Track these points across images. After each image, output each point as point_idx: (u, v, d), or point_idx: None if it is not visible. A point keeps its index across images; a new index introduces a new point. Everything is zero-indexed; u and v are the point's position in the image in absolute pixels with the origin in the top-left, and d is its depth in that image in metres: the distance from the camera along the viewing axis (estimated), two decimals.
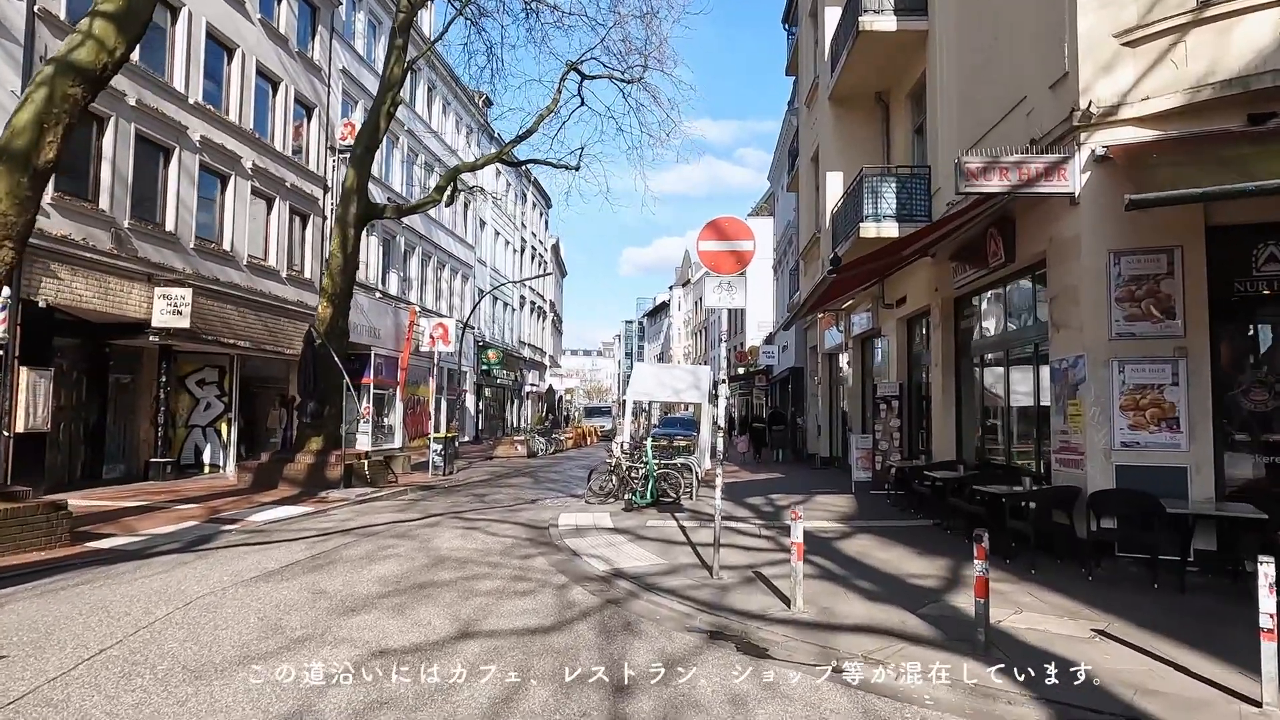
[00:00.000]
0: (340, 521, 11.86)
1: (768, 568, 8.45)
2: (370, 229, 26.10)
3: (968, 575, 7.88)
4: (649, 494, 13.58)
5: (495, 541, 10.28)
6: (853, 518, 12.20)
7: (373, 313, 25.51)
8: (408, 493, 16.14)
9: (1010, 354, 11.01)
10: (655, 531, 10.95)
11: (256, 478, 15.51)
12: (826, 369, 23.86)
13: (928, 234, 10.29)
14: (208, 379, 19.22)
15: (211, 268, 17.88)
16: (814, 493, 15.69)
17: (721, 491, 8.42)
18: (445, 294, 33.51)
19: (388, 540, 10.19)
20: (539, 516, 12.72)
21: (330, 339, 16.15)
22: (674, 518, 12.25)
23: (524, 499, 15.58)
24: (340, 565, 8.46)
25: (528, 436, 29.79)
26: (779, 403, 33.86)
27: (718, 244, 8.04)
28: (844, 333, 19.95)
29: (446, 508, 13.82)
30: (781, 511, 12.92)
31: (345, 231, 16.43)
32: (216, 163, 18.07)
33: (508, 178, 42.92)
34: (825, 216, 16.79)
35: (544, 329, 54.09)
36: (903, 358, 15.59)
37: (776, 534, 10.66)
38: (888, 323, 16.13)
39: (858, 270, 10.70)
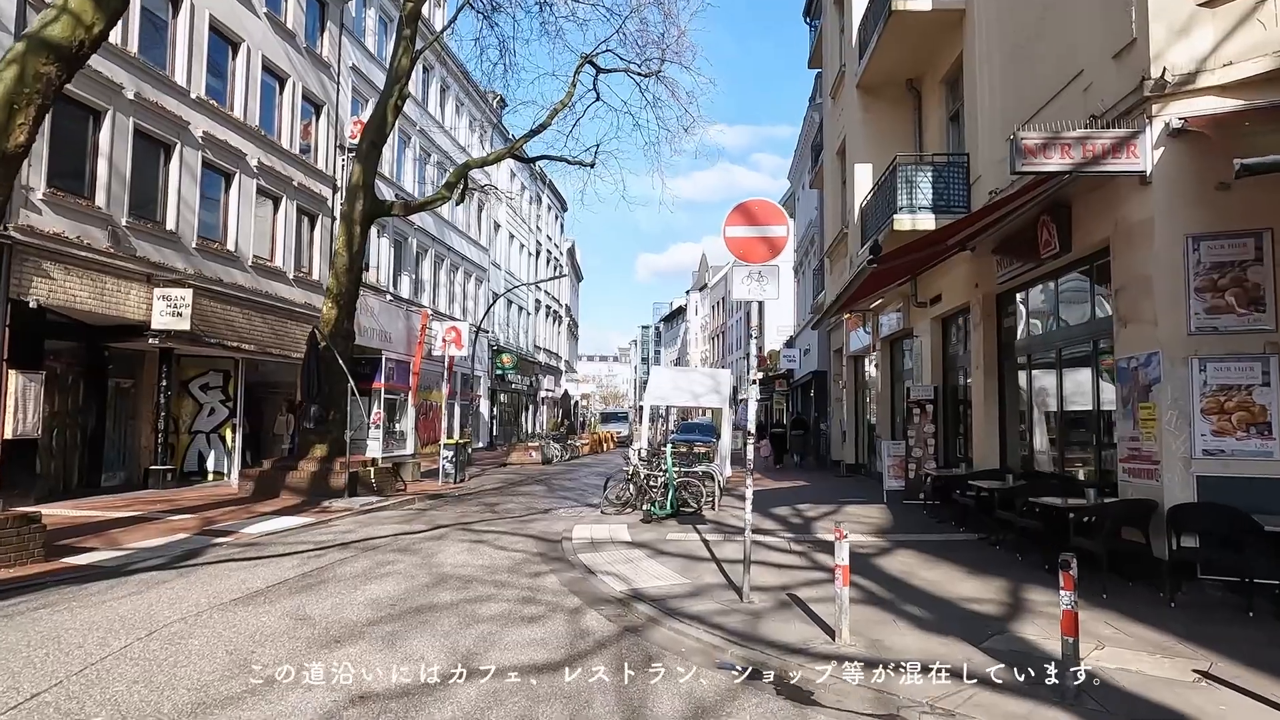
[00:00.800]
0: (340, 534, 11.13)
1: (803, 589, 7.61)
2: (381, 230, 25.53)
3: (1030, 600, 7.01)
4: (669, 504, 12.78)
5: (504, 557, 9.50)
6: (889, 531, 11.32)
7: (384, 316, 24.89)
8: (415, 502, 15.42)
9: (1063, 353, 10.11)
10: (676, 546, 10.13)
11: (258, 486, 14.84)
12: (852, 372, 22.94)
13: (973, 222, 9.42)
14: (212, 383, 18.61)
15: (214, 268, 17.28)
16: (843, 502, 14.81)
17: (751, 504, 7.57)
18: (459, 297, 32.88)
19: (388, 555, 9.44)
20: (551, 528, 11.94)
21: (335, 341, 15.47)
22: (696, 530, 11.43)
23: (537, 509, 14.82)
24: (332, 585, 7.71)
25: (542, 443, 29.05)
26: (800, 408, 32.93)
27: (747, 229, 7.23)
28: (872, 334, 19.05)
29: (454, 518, 13.07)
30: (812, 523, 12.07)
31: (351, 230, 15.76)
32: (220, 160, 17.48)
33: (522, 179, 42.33)
34: (853, 211, 15.93)
35: (559, 333, 53.43)
36: (937, 359, 14.70)
37: (809, 549, 9.81)
38: (921, 322, 15.25)
39: (898, 261, 9.86)
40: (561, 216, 53.43)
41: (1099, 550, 7.21)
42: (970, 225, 9.62)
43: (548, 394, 49.50)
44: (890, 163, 12.97)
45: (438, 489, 17.76)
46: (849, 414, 22.92)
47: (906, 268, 12.19)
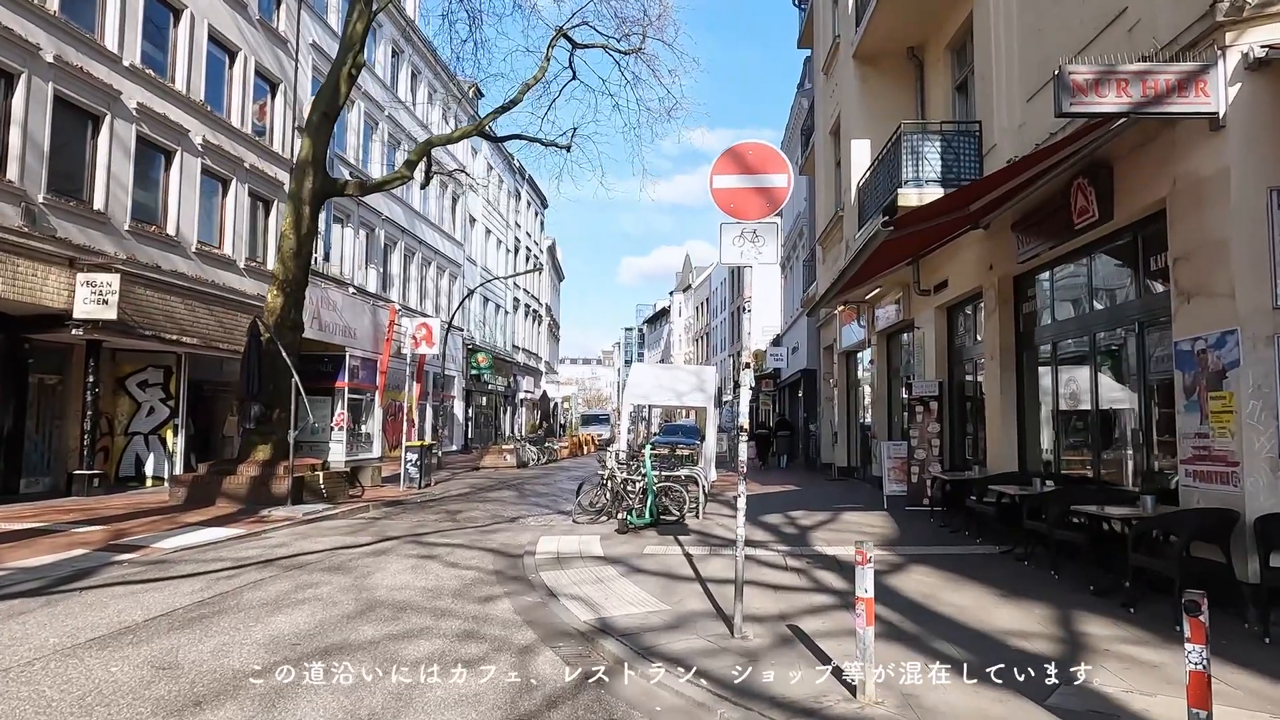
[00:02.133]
0: (269, 549, 9.67)
1: (807, 619, 6.26)
2: (345, 219, 24.05)
3: (1087, 635, 5.70)
4: (648, 512, 11.41)
5: (452, 576, 8.10)
6: (896, 542, 10.01)
7: (348, 310, 23.37)
8: (370, 509, 13.96)
9: (1098, 339, 8.84)
10: (655, 562, 8.76)
11: (192, 493, 13.32)
12: (844, 370, 21.68)
13: (1002, 180, 8.11)
14: (151, 380, 17.06)
15: (151, 253, 15.75)
16: (839, 509, 13.50)
17: (744, 515, 6.23)
18: (431, 293, 31.38)
19: (314, 576, 8.01)
20: (515, 540, 10.55)
21: (280, 333, 13.99)
22: (678, 542, 10.07)
23: (503, 517, 13.41)
24: (229, 617, 6.28)
25: (517, 445, 27.59)
26: (788, 408, 31.69)
27: (739, 179, 5.90)
28: (866, 327, 17.80)
29: (408, 529, 11.64)
30: (808, 534, 10.74)
31: (299, 210, 14.30)
32: (158, 135, 15.96)
33: (499, 172, 40.89)
34: (849, 193, 14.66)
35: (539, 333, 51.97)
36: (942, 352, 13.44)
37: (808, 565, 8.48)
38: (923, 312, 13.99)
39: (915, 229, 8.57)
40: (542, 213, 52.00)
41: (1170, 572, 5.91)
42: (997, 185, 8.32)
43: (527, 395, 48.02)
44: (893, 133, 11.70)
45: (398, 495, 16.30)
46: (840, 414, 21.65)
47: (916, 243, 10.90)
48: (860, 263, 9.66)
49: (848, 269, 10.36)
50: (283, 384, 13.76)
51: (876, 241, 8.08)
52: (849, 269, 10.30)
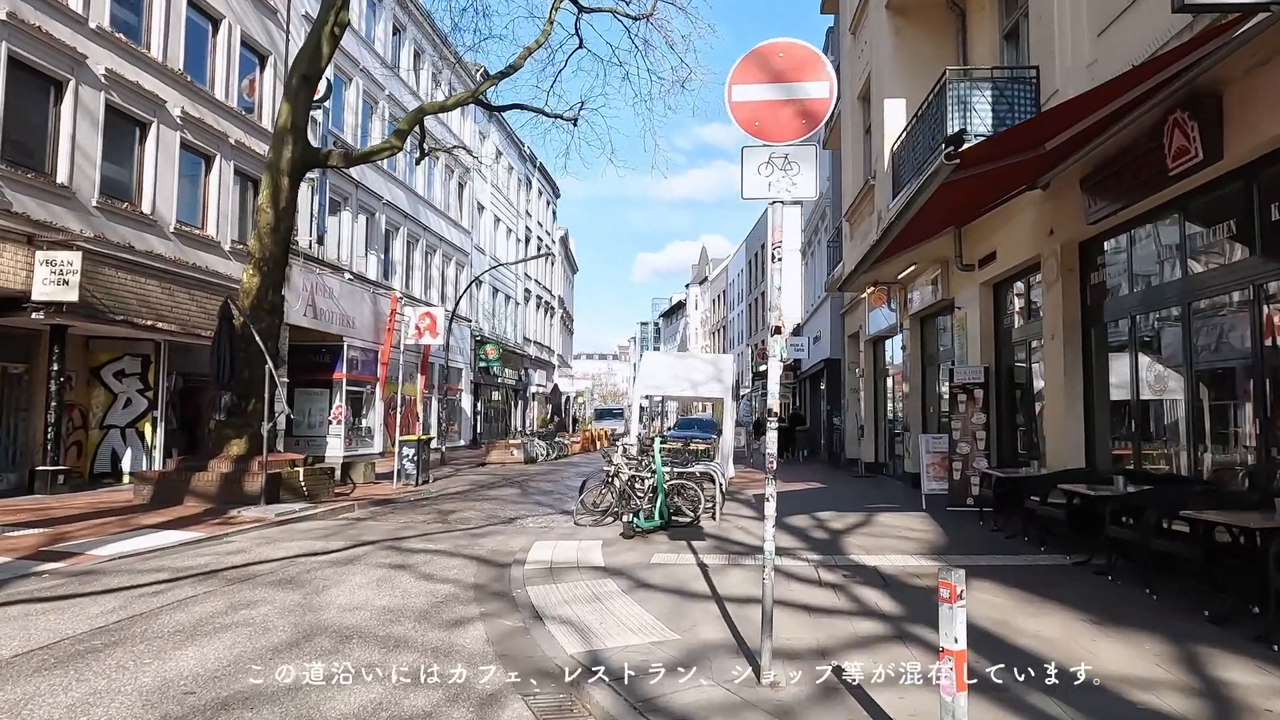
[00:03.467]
0: (222, 556, 8.45)
1: (854, 655, 4.91)
2: (343, 203, 22.88)
3: (1230, 682, 4.32)
4: (657, 513, 10.08)
5: (422, 593, 6.82)
6: (944, 550, 8.62)
7: (345, 298, 22.18)
8: (354, 509, 12.74)
9: (1194, 310, 7.40)
10: (664, 574, 7.44)
11: (158, 491, 12.15)
12: (871, 358, 20.25)
13: (1089, 107, 6.65)
14: (128, 370, 15.94)
15: (124, 233, 14.60)
16: (872, 509, 12.12)
17: (773, 523, 4.90)
18: (436, 282, 30.18)
19: (258, 591, 6.75)
20: (506, 546, 9.27)
21: (257, 316, 12.78)
22: (691, 549, 8.74)
23: (499, 518, 12.14)
24: (126, 649, 5.03)
25: (525, 440, 26.35)
26: (809, 401, 30.26)
27: (765, 89, 4.56)
28: (898, 311, 16.36)
29: (389, 532, 10.39)
30: (841, 539, 9.36)
31: (277, 181, 13.07)
32: (130, 105, 14.79)
33: (510, 160, 39.65)
34: (881, 159, 13.24)
35: (552, 326, 50.74)
36: (988, 334, 12.01)
37: (846, 579, 7.12)
38: (966, 290, 12.55)
39: (979, 169, 7.16)
40: (554, 202, 50.74)
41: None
42: (1082, 114, 6.86)
43: (539, 389, 46.81)
44: (935, 84, 10.28)
45: (391, 493, 15.08)
46: (867, 406, 20.23)
47: (962, 204, 9.48)
48: (909, 217, 8.25)
49: (892, 227, 8.96)
50: (257, 372, 12.56)
51: (937, 180, 6.70)
52: (894, 227, 8.89)
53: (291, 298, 19.55)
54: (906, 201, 8.30)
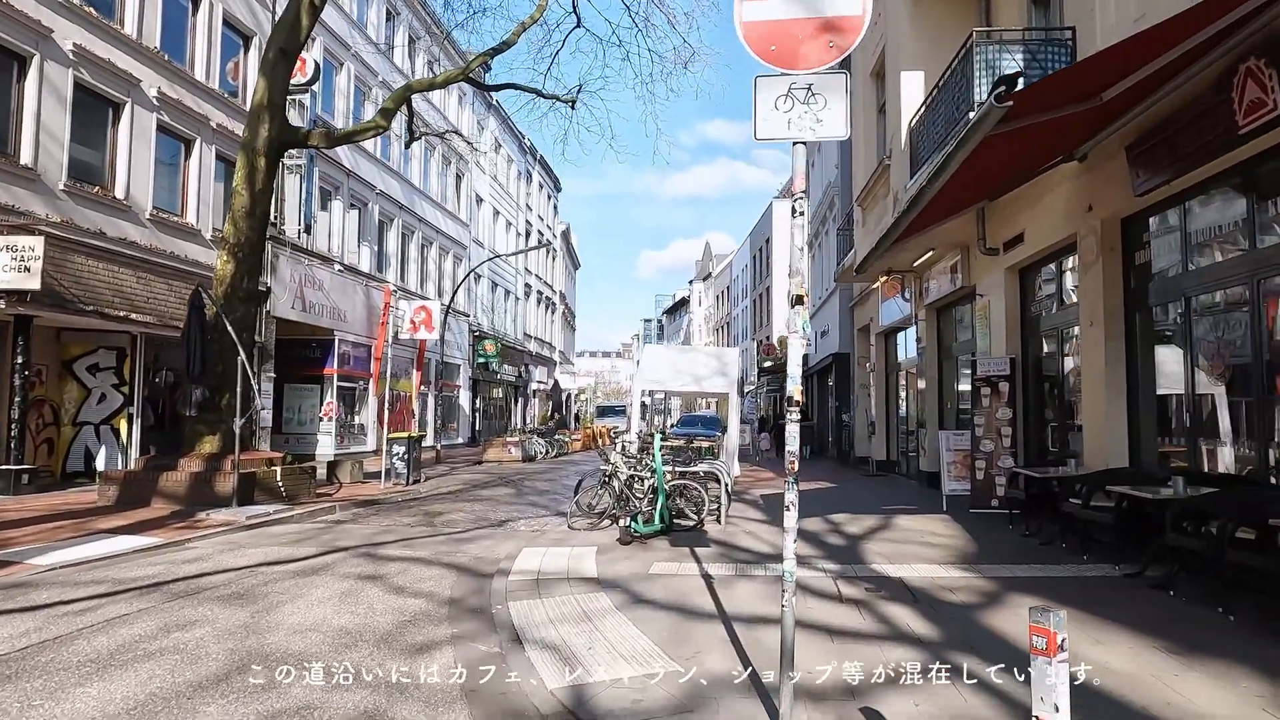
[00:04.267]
0: (175, 565, 7.65)
1: (890, 696, 4.08)
2: (334, 192, 22.07)
3: None
4: (657, 517, 9.26)
5: (389, 609, 6.01)
6: (975, 559, 7.78)
7: (336, 291, 21.41)
8: (335, 510, 11.95)
9: (1262, 284, 6.53)
10: (663, 587, 6.61)
11: (124, 492, 11.35)
12: (882, 352, 19.40)
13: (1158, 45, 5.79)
14: (102, 364, 15.15)
15: (94, 218, 13.80)
16: (889, 511, 11.29)
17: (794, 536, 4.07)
18: (433, 275, 29.37)
19: (201, 609, 5.95)
20: (492, 552, 8.46)
21: (231, 305, 11.99)
22: (694, 557, 7.91)
23: (489, 520, 11.35)
24: (12, 687, 4.22)
25: (523, 438, 25.54)
26: (817, 396, 29.41)
27: (782, 4, 3.73)
28: (913, 301, 15.50)
29: (367, 536, 9.59)
30: (859, 546, 8.53)
31: (253, 161, 12.26)
32: (101, 83, 13.99)
33: (509, 151, 38.82)
34: (898, 136, 12.39)
35: (553, 322, 49.92)
36: (1014, 322, 11.16)
37: (870, 594, 6.28)
38: (989, 276, 11.70)
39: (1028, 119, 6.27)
40: (555, 197, 49.90)
41: None
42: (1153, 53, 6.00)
43: (540, 386, 46.01)
44: (961, 47, 9.43)
45: (378, 493, 14.28)
46: (878, 402, 19.38)
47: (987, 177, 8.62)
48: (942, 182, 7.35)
49: (922, 195, 8.05)
50: (232, 365, 11.75)
51: (982, 128, 5.83)
52: (923, 195, 7.99)
53: (279, 290, 18.80)
54: (938, 165, 7.43)
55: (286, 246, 19.05)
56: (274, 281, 18.61)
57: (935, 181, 7.40)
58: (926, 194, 7.75)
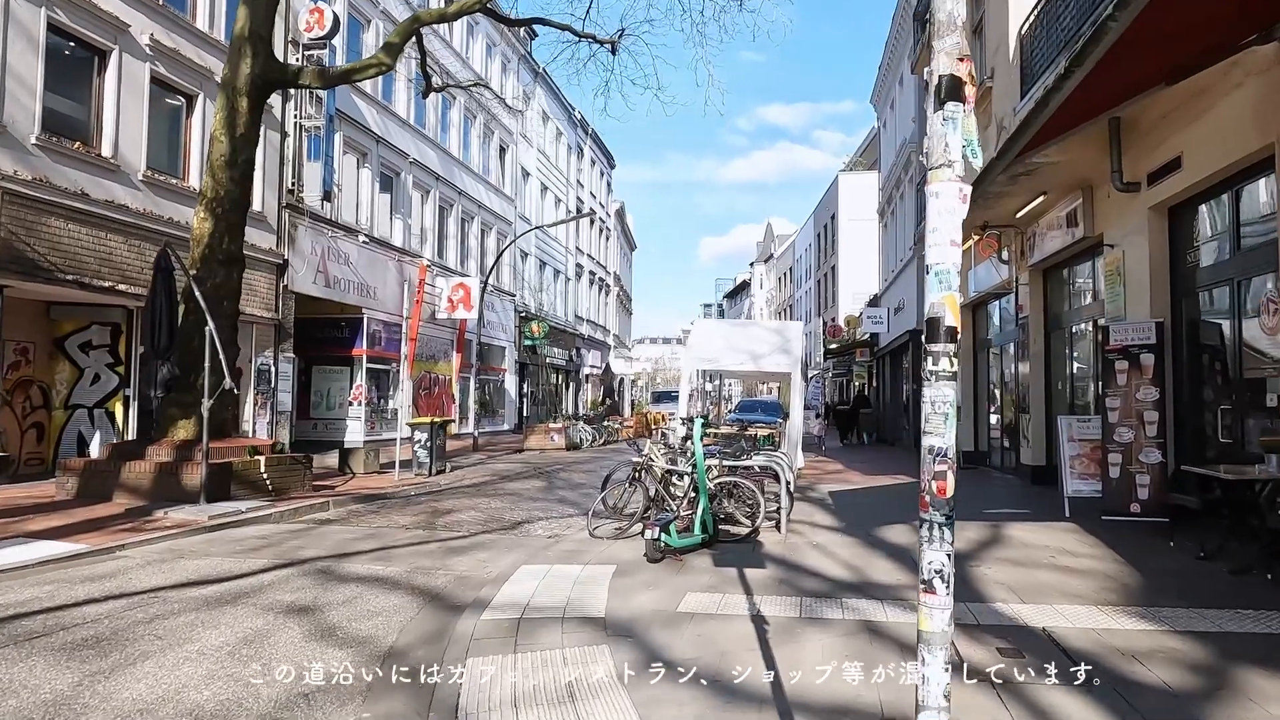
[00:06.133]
0: (67, 585, 5.94)
1: None
2: (362, 159, 20.49)
3: None
4: (698, 523, 7.20)
5: (290, 672, 4.09)
6: (1145, 597, 5.48)
7: (364, 265, 19.86)
8: (329, 507, 10.24)
9: None
10: (696, 639, 4.56)
11: (84, 485, 9.84)
12: (969, 327, 16.86)
13: None
14: (96, 341, 13.79)
15: (75, 177, 12.35)
16: (994, 517, 8.99)
17: (949, 600, 1.91)
18: (475, 252, 27.72)
19: (24, 664, 4.15)
20: (483, 569, 6.56)
21: (209, 268, 10.36)
22: (743, 584, 5.83)
23: (502, 521, 9.49)
24: None
25: (567, 424, 23.71)
26: (890, 379, 26.81)
27: None
28: (1012, 261, 13.01)
29: (340, 544, 7.79)
30: (967, 569, 6.29)
31: (233, 103, 10.57)
32: (83, 27, 12.50)
33: (557, 123, 36.96)
34: (1004, 50, 9.96)
35: (607, 304, 48.05)
36: (1161, 277, 8.69)
37: (1005, 658, 4.10)
38: (1124, 219, 9.22)
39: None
40: (608, 173, 47.92)
41: None
42: None
43: (592, 371, 44.25)
44: None
45: (389, 485, 12.57)
46: (965, 384, 16.86)
47: (1162, 52, 6.23)
48: (1101, 50, 5.10)
49: (1071, 75, 5.75)
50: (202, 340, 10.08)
51: None
52: (1075, 74, 5.68)
53: (298, 262, 17.32)
54: (1086, 39, 5.14)
55: (305, 215, 17.52)
56: (292, 254, 17.14)
57: (1090, 50, 5.10)
58: (1077, 74, 5.45)
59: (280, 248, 16.89)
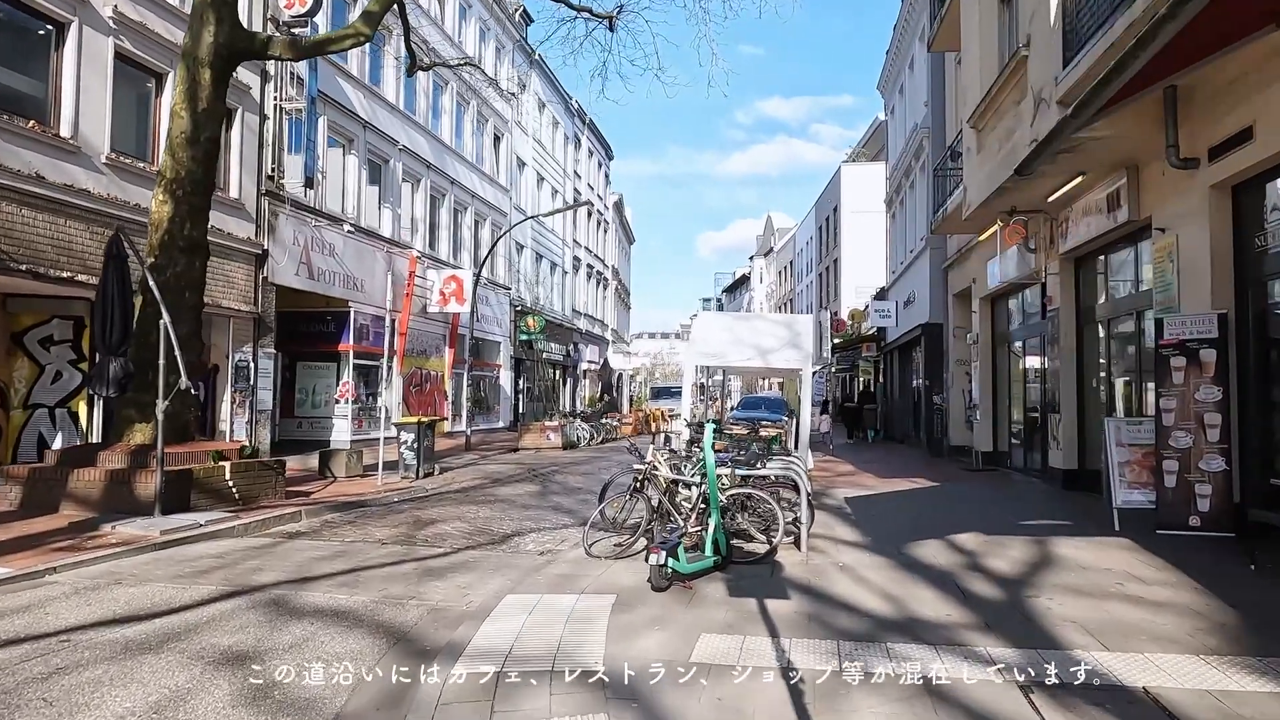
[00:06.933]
0: None
1: None
2: (348, 145, 19.54)
3: None
4: (709, 543, 6.30)
5: None
6: (1256, 641, 4.59)
7: (351, 256, 18.94)
8: (301, 517, 9.34)
9: None
10: (716, 702, 3.67)
11: (28, 494, 8.93)
12: (988, 321, 15.99)
13: None
14: (58, 336, 12.85)
15: (30, 159, 11.40)
16: (1035, 530, 8.11)
17: None
18: (468, 244, 26.78)
19: None
20: (463, 598, 5.68)
21: (169, 255, 9.45)
22: (766, 623, 4.94)
23: (491, 533, 8.62)
24: None
25: (563, 422, 22.81)
26: (899, 375, 25.93)
27: None
28: (1040, 249, 12.11)
29: (303, 565, 6.90)
30: (1023, 596, 5.40)
31: (195, 75, 9.64)
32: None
33: (554, 112, 35.98)
34: (1043, 13, 9.02)
35: (605, 298, 47.12)
36: (1223, 263, 7.79)
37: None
38: (1178, 201, 8.33)
39: None
40: (606, 165, 46.92)
41: None
42: None
43: (590, 366, 43.33)
44: None
45: (372, 491, 11.67)
46: (982, 381, 15.99)
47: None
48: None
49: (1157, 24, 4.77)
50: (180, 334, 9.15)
51: None
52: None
53: (278, 253, 16.37)
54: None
55: (286, 203, 16.59)
56: (272, 243, 16.21)
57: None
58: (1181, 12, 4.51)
59: (260, 237, 15.95)
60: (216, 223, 14.74)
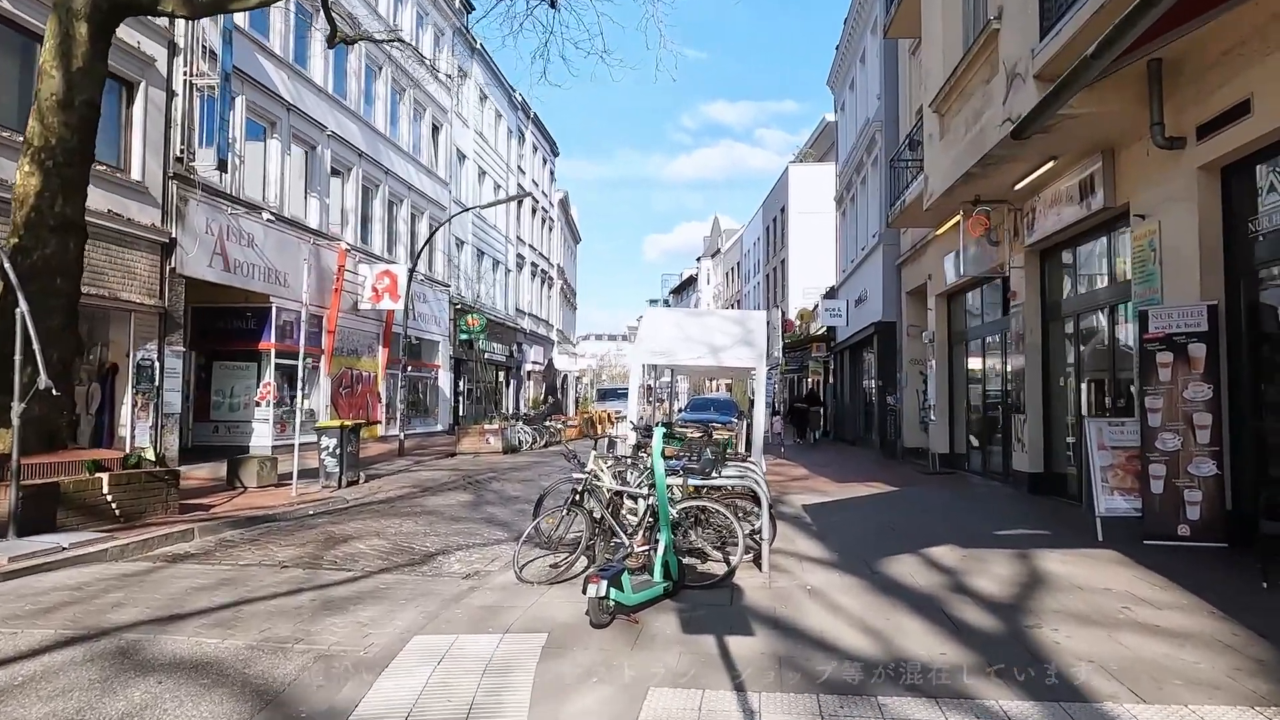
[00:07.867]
0: None
1: None
2: (271, 128, 18.12)
3: None
4: (658, 565, 5.39)
5: None
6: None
7: (272, 247, 17.54)
8: (193, 535, 8.15)
9: None
10: None
11: None
12: (944, 318, 15.46)
13: None
14: None
15: None
16: (1013, 540, 7.42)
17: None
18: (404, 237, 25.41)
19: None
20: (362, 641, 4.66)
21: (38, 236, 8.15)
22: (728, 668, 4.05)
23: (413, 551, 7.59)
24: None
25: (504, 425, 21.68)
26: (850, 376, 25.46)
27: None
28: (1005, 242, 11.55)
29: (178, 597, 5.79)
30: (1021, 625, 4.63)
31: (70, 30, 8.37)
32: None
33: (496, 104, 34.75)
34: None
35: (550, 298, 45.98)
36: (1212, 252, 7.22)
37: None
38: (1162, 183, 7.74)
39: None
40: (551, 161, 45.79)
41: None
42: None
43: (535, 367, 42.15)
44: None
45: (284, 503, 10.46)
46: (938, 381, 15.46)
47: None
48: None
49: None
50: (47, 327, 7.86)
51: None
52: None
53: (188, 242, 14.95)
54: None
55: (197, 188, 15.17)
56: (181, 231, 14.79)
57: None
58: None
59: (166, 224, 14.52)
60: (114, 206, 13.37)
